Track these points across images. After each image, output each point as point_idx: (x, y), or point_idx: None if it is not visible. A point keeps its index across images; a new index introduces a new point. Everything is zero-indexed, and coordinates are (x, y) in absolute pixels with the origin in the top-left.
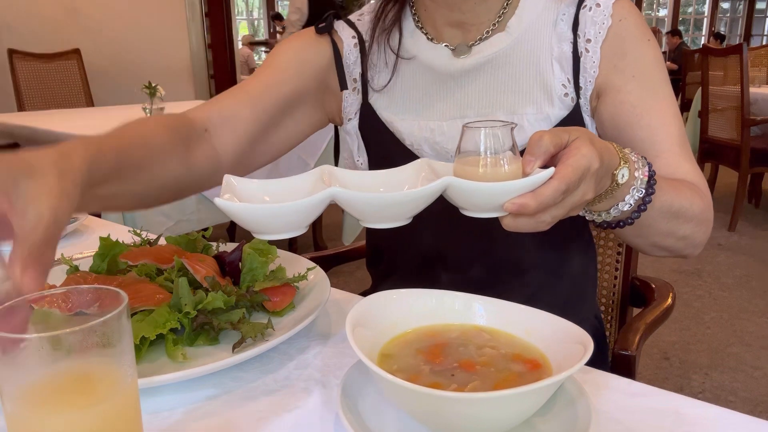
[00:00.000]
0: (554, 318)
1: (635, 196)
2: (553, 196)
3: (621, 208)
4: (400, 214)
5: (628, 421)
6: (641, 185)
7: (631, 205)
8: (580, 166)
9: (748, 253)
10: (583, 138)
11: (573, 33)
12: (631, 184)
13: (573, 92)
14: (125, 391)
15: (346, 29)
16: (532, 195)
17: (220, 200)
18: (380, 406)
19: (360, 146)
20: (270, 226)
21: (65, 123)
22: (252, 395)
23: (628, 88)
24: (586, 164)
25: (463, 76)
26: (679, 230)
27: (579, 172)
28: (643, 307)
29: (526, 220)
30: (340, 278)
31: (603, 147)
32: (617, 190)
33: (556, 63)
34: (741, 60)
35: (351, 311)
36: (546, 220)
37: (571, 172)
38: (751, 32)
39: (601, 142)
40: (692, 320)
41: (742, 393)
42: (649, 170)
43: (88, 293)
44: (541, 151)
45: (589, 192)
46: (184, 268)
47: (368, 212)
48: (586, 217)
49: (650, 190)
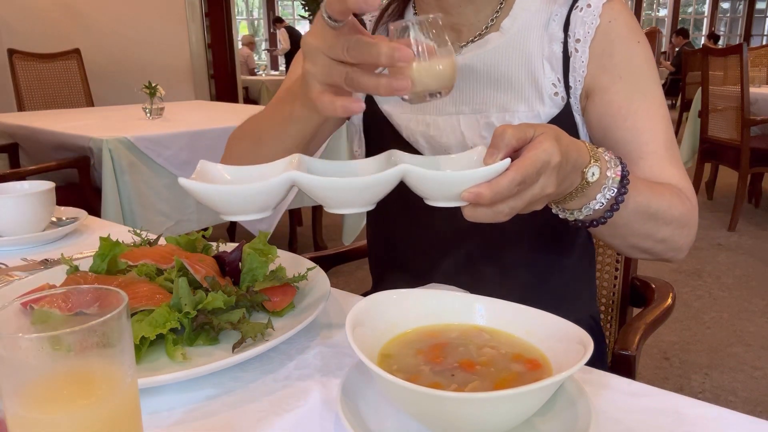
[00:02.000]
0: (554, 318)
1: (607, 195)
2: (509, 187)
3: (593, 207)
4: (359, 200)
5: (628, 421)
6: (613, 184)
7: (603, 204)
8: (538, 159)
9: (748, 253)
10: (548, 134)
11: (564, 33)
12: (602, 183)
13: (563, 91)
14: (125, 391)
15: None
16: (488, 185)
17: (183, 180)
18: (380, 406)
19: (361, 137)
20: (232, 206)
21: (65, 123)
22: (252, 395)
23: (615, 89)
24: (545, 158)
25: (459, 73)
26: (657, 232)
27: (537, 165)
28: (643, 307)
29: (484, 210)
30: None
31: (570, 144)
32: (588, 189)
33: (547, 63)
34: (741, 60)
35: (351, 311)
36: (504, 211)
37: (528, 165)
38: (751, 32)
39: (569, 140)
40: (692, 320)
41: (742, 393)
42: (623, 170)
43: (88, 293)
44: (503, 144)
45: (549, 186)
46: (184, 268)
47: (328, 197)
48: (559, 215)
49: (623, 189)
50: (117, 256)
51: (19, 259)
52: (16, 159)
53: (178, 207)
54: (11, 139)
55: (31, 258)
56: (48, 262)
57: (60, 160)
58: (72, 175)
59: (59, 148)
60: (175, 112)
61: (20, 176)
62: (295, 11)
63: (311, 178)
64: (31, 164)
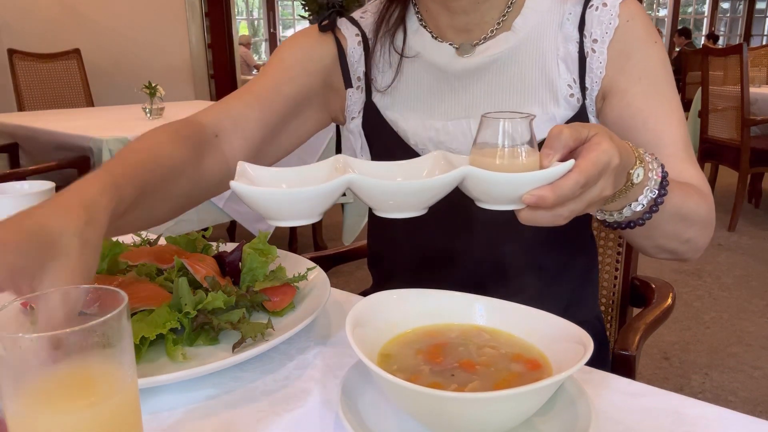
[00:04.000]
0: (554, 318)
1: (648, 196)
2: (572, 189)
3: (633, 209)
4: (416, 204)
5: (628, 421)
6: (655, 186)
7: (643, 206)
8: (600, 160)
9: (748, 253)
10: (603, 134)
11: (579, 33)
12: (644, 185)
13: (579, 93)
14: (125, 391)
15: (350, 27)
16: (551, 187)
17: (236, 183)
18: (380, 406)
19: (363, 145)
20: (285, 212)
21: (65, 123)
22: (252, 395)
23: (635, 91)
24: (607, 159)
25: (469, 75)
26: (684, 233)
27: (599, 166)
28: (643, 307)
29: (544, 213)
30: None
31: (621, 145)
32: (631, 190)
33: (562, 63)
34: (741, 60)
35: (351, 311)
36: (563, 214)
37: (591, 166)
38: (751, 32)
39: (619, 140)
40: (692, 320)
41: (742, 393)
42: (662, 171)
43: (88, 293)
44: (561, 144)
45: (607, 188)
46: (184, 268)
47: (384, 201)
48: (597, 216)
49: (663, 191)
50: (117, 256)
51: None
52: (16, 159)
53: None
54: (11, 139)
55: None
56: None
57: (60, 160)
58: (72, 175)
59: (59, 148)
60: (175, 112)
61: (20, 176)
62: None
63: (370, 181)
64: (31, 164)
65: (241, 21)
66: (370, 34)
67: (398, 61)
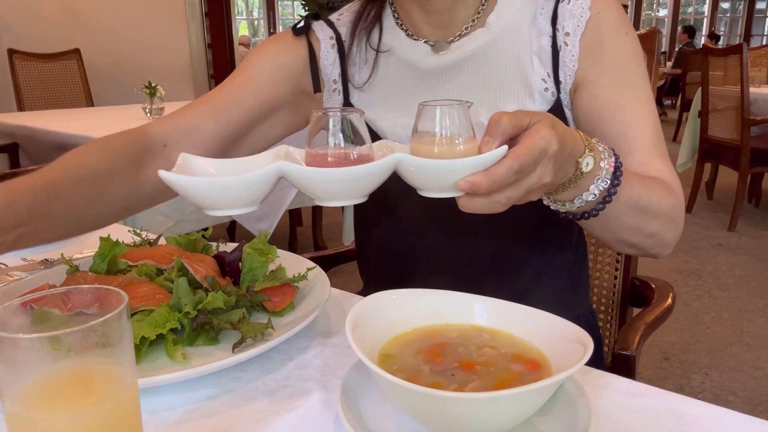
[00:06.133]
0: (554, 318)
1: (600, 186)
2: (506, 175)
3: (585, 198)
4: (353, 191)
5: (628, 421)
6: (606, 175)
7: (595, 196)
8: (536, 146)
9: (748, 253)
10: (545, 121)
11: (552, 27)
12: (596, 174)
13: (553, 87)
14: (125, 391)
15: (325, 29)
16: (485, 173)
17: (163, 172)
18: (380, 406)
19: None
20: (217, 200)
21: (65, 123)
22: (252, 395)
23: (604, 83)
24: (543, 146)
25: (444, 72)
26: (647, 227)
27: (535, 152)
28: (643, 307)
29: (481, 200)
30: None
31: (566, 132)
32: (581, 179)
33: (536, 58)
34: (741, 60)
35: (351, 311)
36: (501, 201)
37: (526, 152)
38: (751, 32)
39: (565, 128)
40: (692, 320)
41: (742, 393)
42: (616, 161)
43: (88, 293)
44: (500, 131)
45: (546, 175)
46: (184, 268)
47: (320, 189)
48: (551, 207)
49: (616, 181)
50: (117, 256)
51: (19, 259)
52: (16, 159)
53: (178, 207)
54: (11, 139)
55: (31, 258)
56: (48, 262)
57: None
58: None
59: (59, 148)
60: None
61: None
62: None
63: (301, 169)
64: (31, 164)
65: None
66: (346, 34)
67: (374, 56)
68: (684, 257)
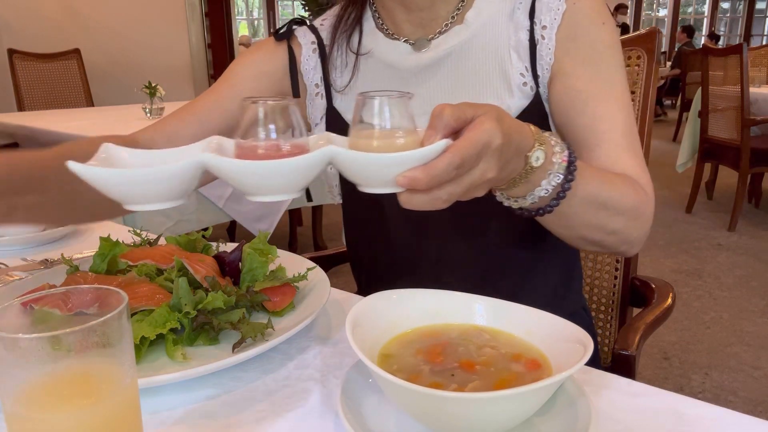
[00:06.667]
0: (554, 318)
1: (552, 181)
2: (446, 170)
3: (538, 194)
4: (282, 186)
5: (628, 421)
6: (559, 170)
7: (548, 191)
8: (478, 140)
9: (748, 253)
10: (490, 114)
11: (530, 20)
12: (547, 169)
13: (532, 81)
14: (125, 391)
15: (308, 35)
16: (424, 168)
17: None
18: (380, 406)
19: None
20: (134, 194)
21: (65, 123)
22: (252, 395)
23: (577, 73)
24: (486, 139)
25: (424, 71)
26: (608, 224)
27: (476, 146)
28: (643, 307)
29: (421, 196)
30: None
31: (512, 125)
32: (532, 174)
33: (514, 52)
34: (741, 60)
35: (351, 311)
36: (441, 197)
37: (467, 146)
38: (751, 32)
39: (512, 121)
40: (692, 320)
41: (742, 393)
42: (569, 156)
43: (88, 293)
44: (442, 124)
45: (490, 170)
46: (184, 268)
47: (246, 183)
48: (503, 203)
49: (569, 176)
50: (117, 256)
51: (19, 259)
52: None
53: (178, 207)
54: (11, 139)
55: (31, 258)
56: (48, 262)
57: None
58: None
59: None
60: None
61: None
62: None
63: (223, 161)
64: None
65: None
66: (327, 38)
67: (354, 60)
68: (684, 257)
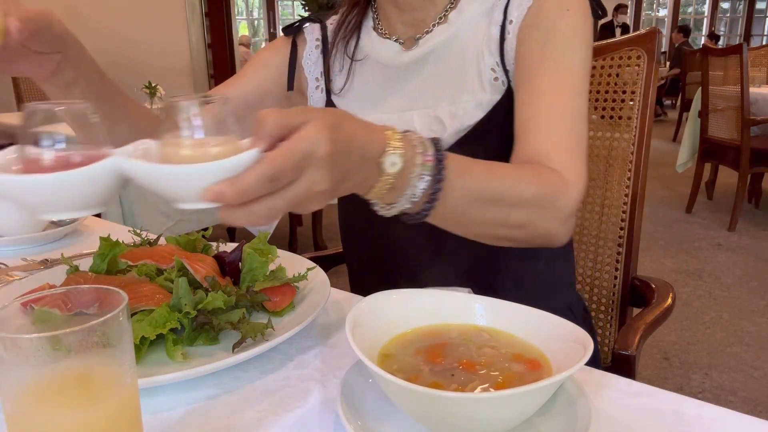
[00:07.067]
0: (554, 318)
1: (420, 185)
2: (256, 184)
3: (408, 199)
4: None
5: (628, 421)
6: (424, 171)
7: (417, 195)
8: (296, 150)
9: (748, 253)
10: (319, 121)
11: (504, 16)
12: (409, 172)
13: (503, 76)
14: (125, 391)
15: (315, 32)
16: (231, 182)
17: None
18: (380, 406)
19: None
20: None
21: None
22: (252, 395)
23: (530, 56)
24: (306, 149)
25: (410, 68)
26: (508, 218)
27: (293, 157)
28: (643, 307)
29: (239, 211)
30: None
31: (355, 131)
32: (394, 180)
33: (486, 48)
34: (741, 60)
35: (351, 311)
36: (260, 213)
37: (281, 157)
38: (751, 32)
39: (355, 127)
40: (692, 320)
41: (742, 393)
42: (436, 154)
43: (88, 293)
44: (265, 133)
45: (320, 183)
46: (184, 268)
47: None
48: (378, 212)
49: (438, 176)
50: (117, 256)
51: (19, 259)
52: None
53: None
54: (11, 139)
55: (31, 258)
56: (48, 262)
57: None
58: None
59: None
60: None
61: None
62: (295, 11)
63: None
64: None
65: (241, 21)
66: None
67: (349, 65)
68: (684, 257)
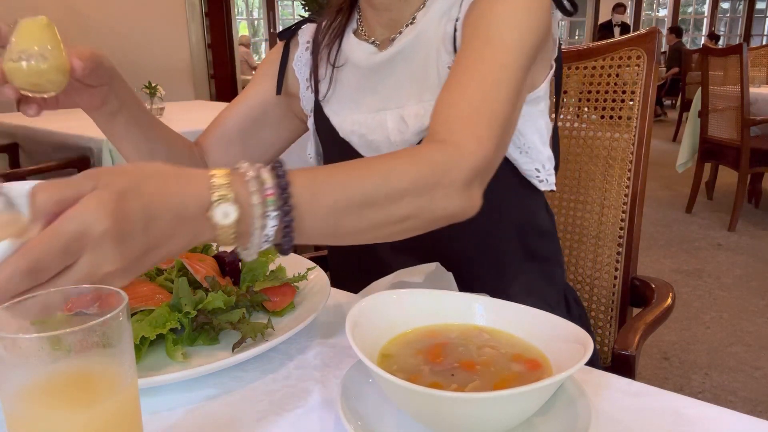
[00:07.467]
0: (554, 318)
1: (270, 224)
2: (11, 279)
3: (261, 241)
4: None
5: (628, 421)
6: (269, 207)
7: (271, 235)
8: (61, 233)
9: (748, 253)
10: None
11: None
12: (249, 216)
13: None
14: (125, 391)
15: (309, 33)
16: None
17: None
18: (380, 406)
19: (316, 142)
20: None
21: (65, 123)
22: (252, 395)
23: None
24: (75, 230)
25: (382, 69)
26: (391, 214)
27: (58, 242)
28: (643, 307)
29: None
30: None
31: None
32: (238, 227)
33: (443, 47)
34: (741, 60)
35: (351, 311)
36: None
37: (38, 246)
38: (751, 32)
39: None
40: (692, 320)
41: (742, 393)
42: (279, 183)
43: (88, 293)
44: (39, 212)
45: (107, 263)
46: (184, 268)
47: None
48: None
49: (285, 207)
50: None
51: None
52: (16, 159)
53: None
54: (11, 139)
55: None
56: None
57: (60, 160)
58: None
59: (59, 148)
60: (175, 112)
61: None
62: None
63: None
64: (31, 164)
65: (241, 21)
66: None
67: (331, 72)
68: (684, 257)
